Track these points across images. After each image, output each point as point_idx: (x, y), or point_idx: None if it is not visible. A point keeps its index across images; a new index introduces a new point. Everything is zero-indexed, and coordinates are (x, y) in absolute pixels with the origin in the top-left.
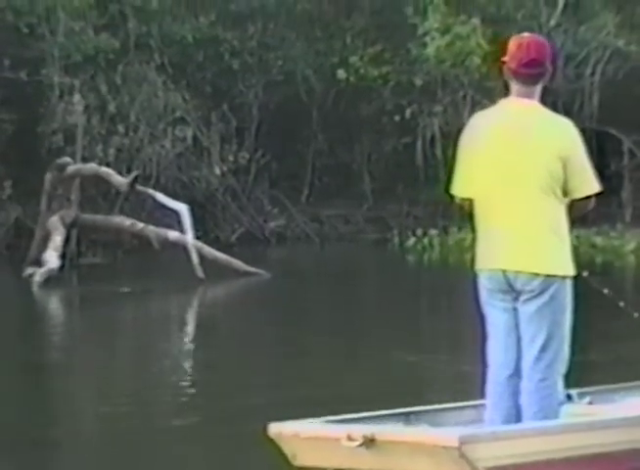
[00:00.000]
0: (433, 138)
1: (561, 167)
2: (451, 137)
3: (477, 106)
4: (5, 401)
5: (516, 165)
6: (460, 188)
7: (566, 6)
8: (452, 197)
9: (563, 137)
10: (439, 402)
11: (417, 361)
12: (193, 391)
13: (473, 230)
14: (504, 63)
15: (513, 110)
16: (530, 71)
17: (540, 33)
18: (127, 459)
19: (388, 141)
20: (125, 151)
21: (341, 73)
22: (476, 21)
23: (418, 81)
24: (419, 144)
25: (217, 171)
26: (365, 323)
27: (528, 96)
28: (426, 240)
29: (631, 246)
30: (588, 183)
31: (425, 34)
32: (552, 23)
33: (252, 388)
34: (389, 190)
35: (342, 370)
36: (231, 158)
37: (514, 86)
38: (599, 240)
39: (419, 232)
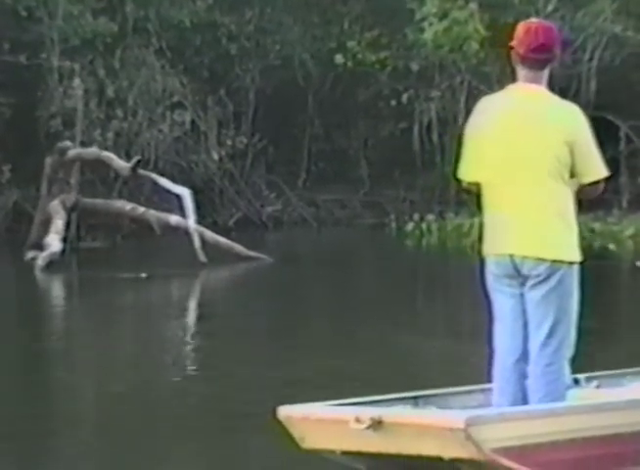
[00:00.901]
0: (429, 123)
1: (568, 152)
2: (448, 122)
3: (473, 91)
4: (5, 386)
5: (523, 151)
6: (467, 172)
7: None
8: (459, 181)
9: (570, 122)
10: (444, 386)
11: (424, 345)
12: (198, 373)
13: (480, 214)
14: (512, 48)
15: (520, 95)
16: (539, 57)
17: (537, 19)
18: (126, 441)
19: (384, 126)
20: (124, 135)
21: (338, 58)
22: (473, 6)
23: (415, 66)
24: (416, 129)
25: (215, 156)
26: (370, 307)
27: (536, 81)
28: (424, 225)
29: (630, 231)
30: (596, 168)
31: (422, 19)
32: (549, 8)
33: (259, 373)
34: (386, 175)
35: (347, 353)
36: (229, 142)
37: (521, 71)
38: (597, 225)
39: (416, 217)
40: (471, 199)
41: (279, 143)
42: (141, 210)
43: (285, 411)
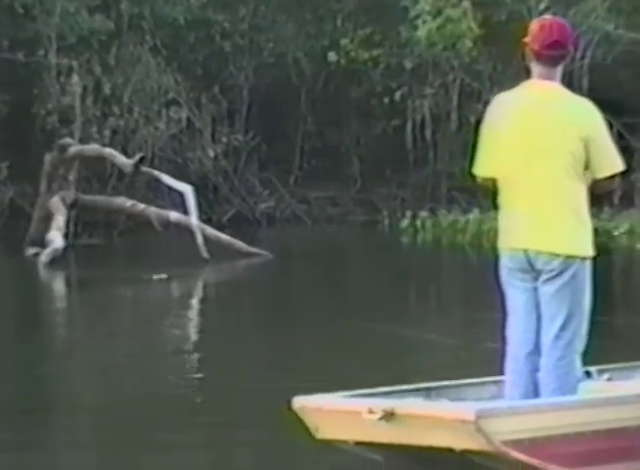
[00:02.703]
0: (422, 121)
1: (583, 148)
2: (441, 120)
3: (466, 88)
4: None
5: (538, 147)
6: (482, 168)
7: None
8: (474, 177)
9: (584, 118)
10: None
11: (430, 339)
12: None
13: (495, 209)
14: (526, 44)
15: (535, 92)
16: (553, 53)
17: (529, 17)
18: (122, 436)
19: (377, 124)
20: (121, 132)
21: (331, 56)
22: (467, 4)
23: (408, 64)
24: (408, 126)
25: (211, 153)
26: (377, 303)
27: (550, 78)
28: (418, 222)
29: (624, 228)
30: (611, 162)
31: (416, 17)
32: (541, 6)
33: (268, 365)
34: (378, 172)
35: (355, 349)
36: (224, 139)
37: (535, 68)
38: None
39: (408, 214)
40: (462, 196)
41: (272, 140)
42: (141, 206)
43: (299, 402)
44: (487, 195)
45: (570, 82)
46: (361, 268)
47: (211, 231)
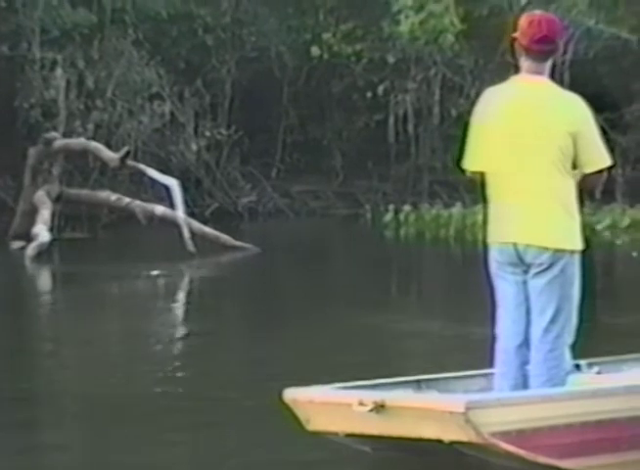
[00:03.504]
0: (404, 115)
1: (571, 143)
2: (423, 114)
3: (448, 83)
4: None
5: (527, 141)
6: (471, 162)
7: None
8: (463, 171)
9: (572, 113)
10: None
11: (424, 331)
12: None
13: (484, 203)
14: (515, 39)
15: (524, 86)
16: (542, 48)
17: (510, 12)
18: (106, 432)
19: (359, 118)
20: (104, 126)
21: (314, 50)
22: None
23: (390, 59)
24: (390, 121)
25: (194, 147)
26: (366, 296)
27: (539, 72)
28: (402, 215)
29: (606, 222)
30: (599, 157)
31: (399, 12)
32: (523, 1)
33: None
34: (360, 166)
35: (345, 342)
36: (207, 133)
37: (524, 63)
38: None
39: (391, 208)
40: (444, 190)
41: (254, 134)
42: (126, 200)
43: (291, 394)
44: (469, 189)
45: (551, 77)
46: (347, 262)
47: (197, 225)
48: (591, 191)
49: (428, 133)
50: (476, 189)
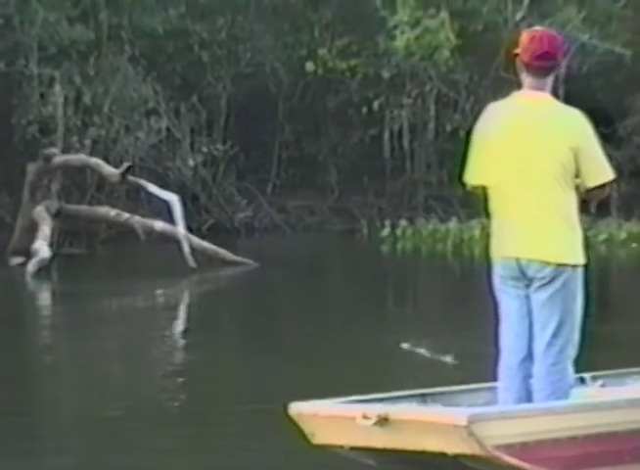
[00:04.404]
0: (400, 130)
1: (573, 158)
2: (418, 129)
3: (443, 98)
4: None
5: (528, 157)
6: (472, 176)
7: (531, 0)
8: (464, 184)
9: (573, 128)
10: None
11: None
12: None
13: (486, 217)
14: (516, 55)
15: (525, 102)
16: (543, 64)
17: (505, 27)
18: (106, 438)
19: (354, 133)
20: (102, 142)
21: (309, 66)
22: (444, 14)
23: (385, 74)
24: (386, 136)
25: (191, 163)
26: (366, 311)
27: (540, 88)
28: (398, 230)
29: (602, 236)
30: (601, 171)
31: (394, 27)
32: (517, 17)
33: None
34: (355, 181)
35: (339, 357)
36: (205, 149)
37: (525, 78)
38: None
39: (387, 223)
40: (439, 205)
41: (250, 150)
42: (126, 215)
43: (296, 408)
44: (464, 204)
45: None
46: (346, 277)
47: (196, 240)
48: (601, 203)
49: (423, 148)
50: (471, 204)
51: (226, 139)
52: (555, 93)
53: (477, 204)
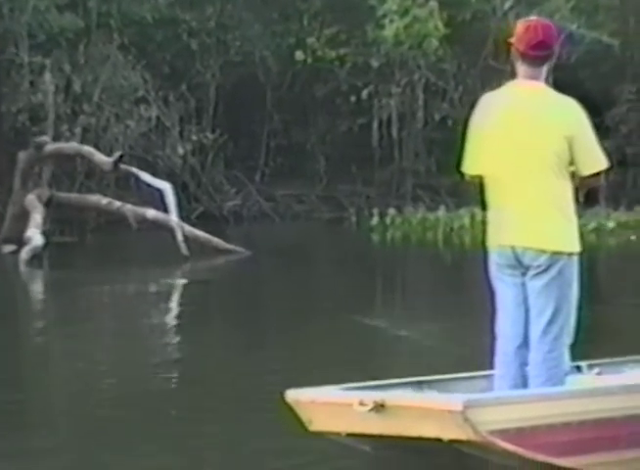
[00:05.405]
0: (388, 119)
1: (567, 147)
2: (406, 118)
3: (431, 87)
4: None
5: (523, 146)
6: (469, 166)
7: None
8: (462, 175)
9: (568, 117)
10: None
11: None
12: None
13: (482, 207)
14: (511, 44)
15: (520, 91)
16: (538, 53)
17: (494, 17)
18: (100, 434)
19: (343, 122)
20: (92, 130)
21: (299, 55)
22: (433, 3)
23: (374, 63)
24: (374, 125)
25: (180, 151)
26: (357, 297)
27: (535, 77)
28: (388, 219)
29: (592, 225)
30: (595, 160)
31: (383, 16)
32: (506, 6)
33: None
34: (343, 170)
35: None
36: (194, 137)
37: (520, 67)
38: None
39: (375, 211)
40: (427, 194)
41: (238, 138)
42: (117, 204)
43: (293, 395)
44: (451, 193)
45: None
46: (337, 265)
47: (189, 228)
48: (590, 193)
49: (411, 137)
50: (459, 193)
51: (215, 127)
52: (545, 83)
53: (465, 193)
